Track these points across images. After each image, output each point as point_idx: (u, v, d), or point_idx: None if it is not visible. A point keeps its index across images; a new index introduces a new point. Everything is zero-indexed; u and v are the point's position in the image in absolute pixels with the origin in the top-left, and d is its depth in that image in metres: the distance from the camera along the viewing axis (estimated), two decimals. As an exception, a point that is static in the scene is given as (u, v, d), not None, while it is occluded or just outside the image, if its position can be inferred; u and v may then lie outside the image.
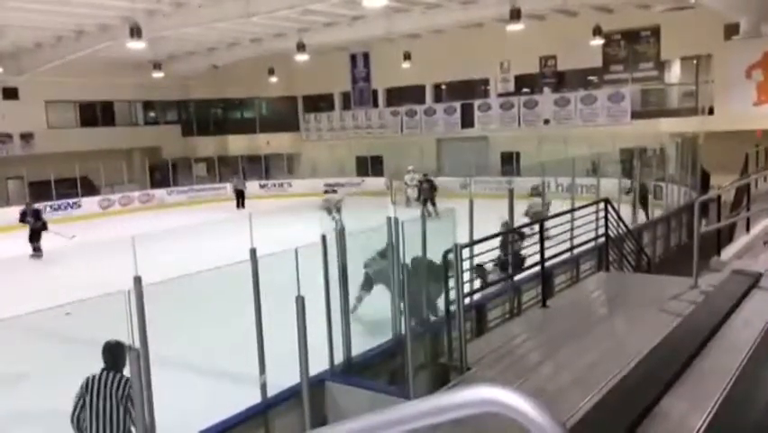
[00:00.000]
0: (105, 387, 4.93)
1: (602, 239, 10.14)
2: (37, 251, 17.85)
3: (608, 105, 24.98)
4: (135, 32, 17.49)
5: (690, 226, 10.58)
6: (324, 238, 6.01)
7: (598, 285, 9.41)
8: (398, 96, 31.27)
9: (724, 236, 11.90)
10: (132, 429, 4.92)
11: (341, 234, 6.11)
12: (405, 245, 6.33)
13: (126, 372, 4.79)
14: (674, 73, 25.03)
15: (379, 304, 7.10)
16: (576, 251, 10.19)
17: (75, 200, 26.92)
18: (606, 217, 9.99)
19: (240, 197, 27.66)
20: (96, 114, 30.77)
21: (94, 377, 4.99)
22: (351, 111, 32.43)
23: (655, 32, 24.09)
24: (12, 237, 21.60)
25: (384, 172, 29.06)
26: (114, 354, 4.99)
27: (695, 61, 23.89)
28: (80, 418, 4.98)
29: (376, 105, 31.87)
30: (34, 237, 17.93)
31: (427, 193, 22.16)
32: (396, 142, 29.68)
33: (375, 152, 30.94)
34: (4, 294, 11.20)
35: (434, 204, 21.08)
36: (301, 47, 22.88)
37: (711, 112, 22.04)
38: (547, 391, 5.38)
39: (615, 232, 10.30)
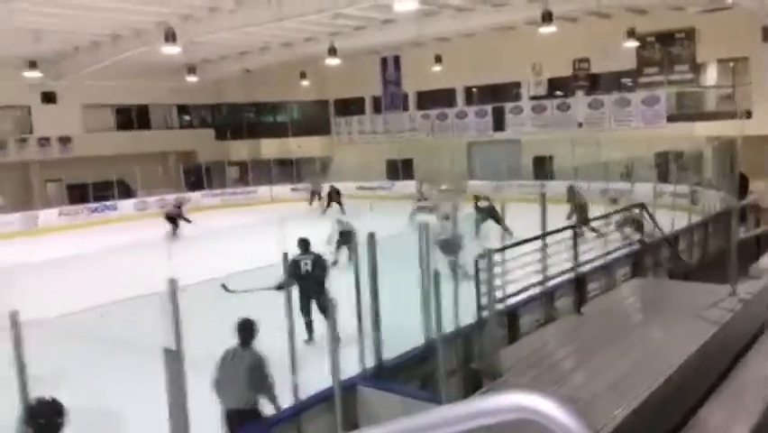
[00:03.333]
0: (235, 359, 5.65)
1: (637, 244, 9.99)
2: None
3: (643, 108, 24.60)
4: (170, 36, 17.74)
5: (728, 232, 10.36)
6: (355, 246, 6.03)
7: (633, 292, 9.28)
8: (429, 99, 31.20)
9: (763, 243, 11.63)
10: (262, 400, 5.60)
11: (371, 238, 6.11)
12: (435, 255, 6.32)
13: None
14: (711, 76, 24.54)
15: (410, 308, 7.10)
16: (610, 257, 10.07)
17: (111, 203, 27.41)
18: (641, 222, 9.84)
19: (315, 196, 27.53)
20: (132, 117, 31.29)
21: (230, 350, 5.72)
22: (381, 115, 32.47)
23: (690, 33, 23.67)
24: (52, 239, 22.15)
25: (414, 176, 29.01)
26: (245, 330, 5.69)
27: (732, 64, 23.42)
28: (219, 384, 5.67)
29: (406, 108, 31.85)
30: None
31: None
32: (426, 146, 29.61)
33: (405, 156, 30.92)
34: (43, 295, 11.43)
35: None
36: (332, 51, 22.99)
37: (749, 115, 21.55)
38: (581, 398, 5.32)
39: (650, 237, 10.15)
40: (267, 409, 5.71)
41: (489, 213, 16.58)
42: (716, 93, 24.45)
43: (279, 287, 7.68)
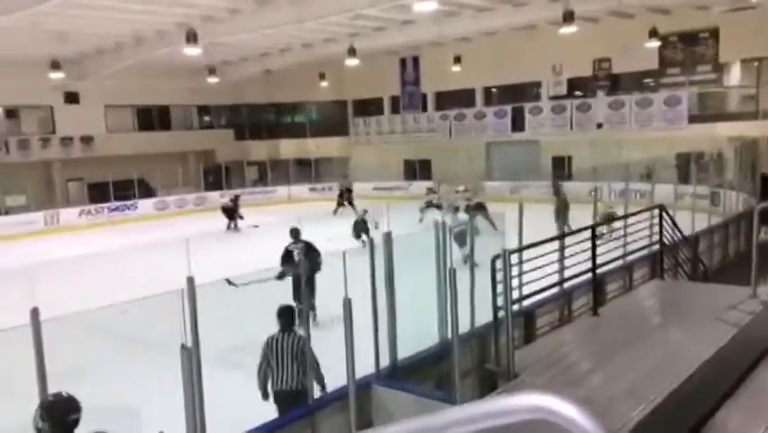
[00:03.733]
0: (282, 345, 5.97)
1: (656, 246, 9.90)
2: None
3: (664, 108, 24.36)
4: (191, 38, 17.87)
5: (749, 234, 10.23)
6: (371, 242, 6.03)
7: (651, 293, 9.19)
8: (448, 99, 31.14)
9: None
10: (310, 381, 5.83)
11: (387, 237, 6.12)
12: (452, 249, 6.31)
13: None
14: (734, 76, 24.25)
15: (424, 308, 7.10)
16: (629, 258, 9.98)
17: (132, 202, 27.67)
18: (660, 224, 9.75)
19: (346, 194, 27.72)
20: (152, 118, 31.63)
21: (273, 337, 6.03)
22: (400, 115, 32.47)
23: (714, 33, 23.40)
24: (73, 237, 22.42)
25: (432, 177, 28.98)
26: (287, 316, 6.04)
27: (756, 64, 23.11)
28: (265, 371, 6.05)
29: (425, 108, 31.83)
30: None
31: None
32: (444, 146, 29.58)
33: (423, 156, 30.90)
34: (63, 293, 11.58)
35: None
36: (351, 51, 23.04)
37: (773, 116, 21.30)
38: (598, 400, 5.27)
39: (670, 239, 10.05)
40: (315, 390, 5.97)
41: (475, 210, 17.52)
42: (738, 93, 24.16)
43: (280, 276, 8.80)
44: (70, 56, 23.88)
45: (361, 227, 15.87)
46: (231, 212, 22.76)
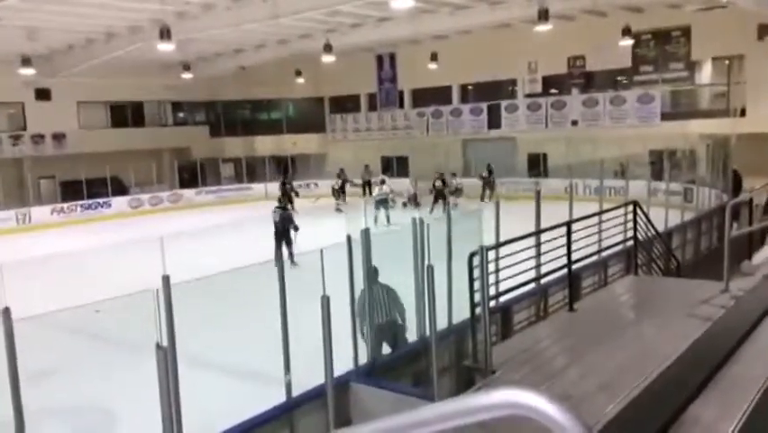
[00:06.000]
0: (373, 289, 6.78)
1: (631, 242, 10.02)
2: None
3: (638, 106, 24.65)
4: (165, 33, 17.68)
5: (721, 230, 10.40)
6: (349, 238, 6.01)
7: (626, 289, 9.30)
8: (425, 96, 31.17)
9: (755, 240, 11.69)
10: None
11: (366, 234, 6.11)
12: (430, 246, 6.33)
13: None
14: (705, 74, 24.61)
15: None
16: (604, 254, 10.09)
17: (105, 200, 27.31)
18: (634, 220, 9.87)
19: (367, 186, 28.22)
20: (126, 114, 31.21)
21: (363, 289, 6.60)
22: (376, 112, 32.44)
23: (686, 32, 23.71)
24: (45, 236, 22.07)
25: (409, 173, 29.01)
26: (372, 273, 6.60)
27: (727, 62, 23.48)
28: (362, 312, 6.61)
29: (402, 106, 31.84)
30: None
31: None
32: (421, 143, 29.63)
33: (400, 153, 30.91)
34: (36, 291, 11.40)
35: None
36: (328, 48, 22.95)
37: (743, 113, 21.65)
38: (573, 395, 5.33)
39: (644, 235, 10.17)
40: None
41: (438, 193, 22.68)
42: (710, 91, 24.54)
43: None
44: (41, 52, 23.47)
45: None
46: (290, 196, 23.29)
